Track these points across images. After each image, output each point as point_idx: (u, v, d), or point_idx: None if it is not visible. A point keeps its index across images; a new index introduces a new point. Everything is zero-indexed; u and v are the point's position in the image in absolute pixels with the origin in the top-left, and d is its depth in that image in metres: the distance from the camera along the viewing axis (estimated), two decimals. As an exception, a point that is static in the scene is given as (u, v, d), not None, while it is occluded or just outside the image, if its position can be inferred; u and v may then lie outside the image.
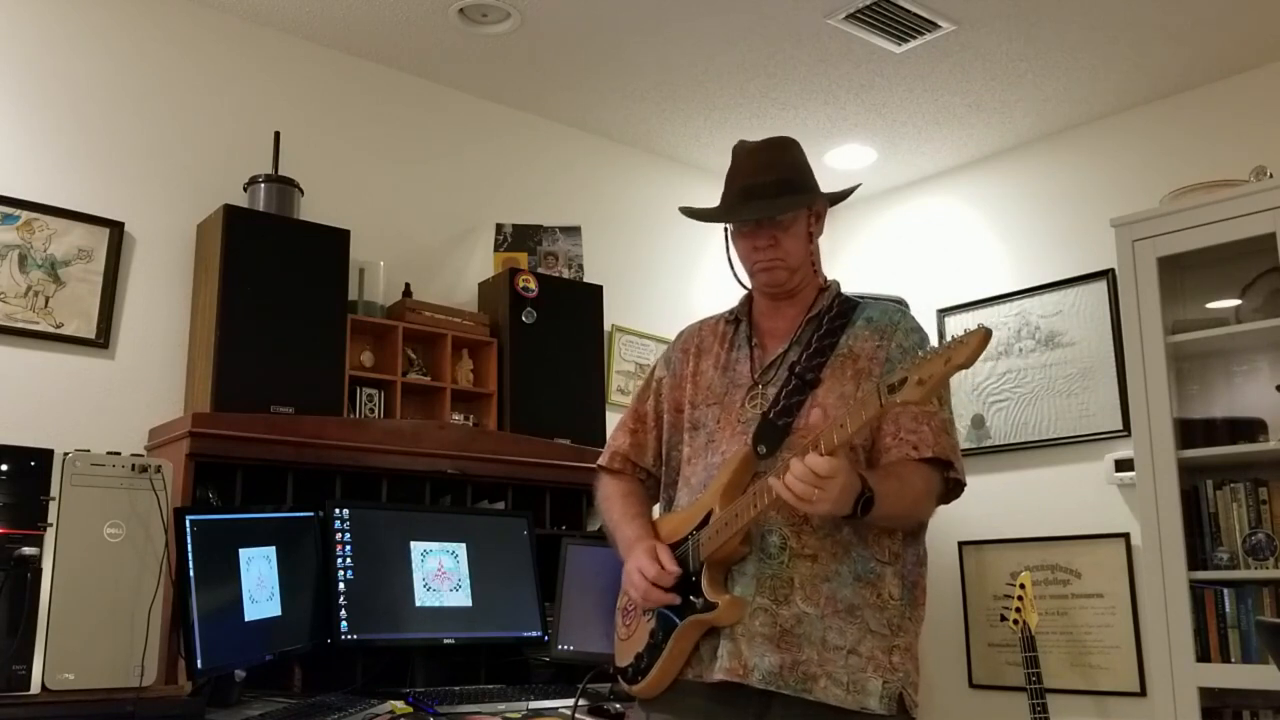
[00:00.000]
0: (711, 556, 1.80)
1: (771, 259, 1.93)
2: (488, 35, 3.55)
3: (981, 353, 1.50)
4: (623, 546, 1.98)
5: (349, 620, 2.74)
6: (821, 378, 1.86)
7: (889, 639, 1.79)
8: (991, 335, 1.51)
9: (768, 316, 2.02)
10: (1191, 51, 3.67)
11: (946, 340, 1.54)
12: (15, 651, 2.13)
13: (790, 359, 1.92)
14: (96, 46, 3.18)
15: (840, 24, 3.47)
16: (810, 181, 1.98)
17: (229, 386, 2.95)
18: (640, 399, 2.12)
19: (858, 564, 1.80)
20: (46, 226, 2.98)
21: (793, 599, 1.77)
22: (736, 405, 1.92)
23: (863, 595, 1.78)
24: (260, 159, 3.34)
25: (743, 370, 1.96)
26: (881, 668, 1.76)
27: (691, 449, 1.97)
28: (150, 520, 2.30)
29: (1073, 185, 4.23)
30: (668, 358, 2.11)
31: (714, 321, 2.10)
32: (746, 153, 2.00)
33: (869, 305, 1.99)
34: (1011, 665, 4.01)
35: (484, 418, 3.54)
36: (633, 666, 1.93)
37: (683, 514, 1.93)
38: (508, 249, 3.80)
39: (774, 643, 1.75)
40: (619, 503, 2.06)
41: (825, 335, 1.92)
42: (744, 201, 1.94)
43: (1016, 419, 4.22)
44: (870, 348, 1.90)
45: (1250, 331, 3.39)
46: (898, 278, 4.69)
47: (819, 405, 1.82)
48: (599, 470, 2.15)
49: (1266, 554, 3.24)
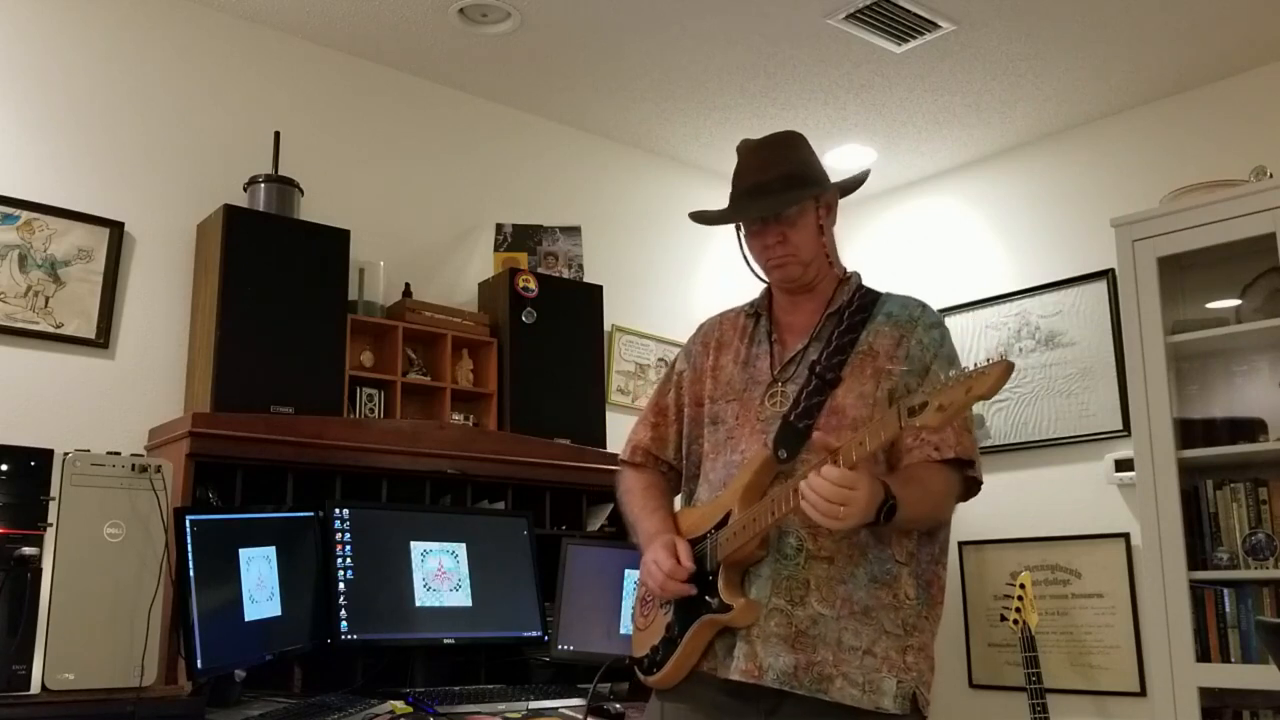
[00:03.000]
0: (729, 558, 1.81)
1: (783, 255, 1.92)
2: (488, 35, 3.55)
3: (1003, 385, 1.50)
4: (643, 539, 1.99)
5: (349, 620, 2.74)
6: (842, 376, 1.85)
7: (903, 639, 1.79)
8: (1014, 368, 1.51)
9: (787, 310, 2.01)
10: (1191, 51, 3.67)
11: (969, 368, 1.54)
12: (15, 651, 2.13)
13: (810, 357, 1.91)
14: (97, 47, 3.18)
15: (840, 24, 3.47)
16: (816, 174, 1.96)
17: (229, 386, 2.95)
18: (661, 392, 2.12)
19: (874, 565, 1.80)
20: (46, 226, 2.98)
21: (808, 600, 1.77)
22: (756, 402, 1.91)
23: (878, 596, 1.79)
24: (260, 159, 3.34)
25: (762, 366, 1.95)
26: (896, 667, 1.76)
27: (711, 444, 1.97)
28: (150, 520, 2.30)
29: (1073, 185, 4.23)
30: (688, 350, 2.11)
31: (734, 314, 2.09)
32: (750, 150, 1.98)
33: (890, 299, 1.97)
34: (1011, 665, 4.01)
35: (484, 418, 3.54)
36: (649, 658, 1.94)
37: (703, 510, 1.93)
38: (508, 249, 3.80)
39: (789, 643, 1.76)
40: (640, 496, 2.06)
41: (846, 331, 1.90)
42: (750, 200, 1.93)
43: (1016, 419, 4.22)
44: (890, 345, 1.89)
45: (1250, 331, 3.39)
46: (898, 278, 4.69)
47: (838, 406, 1.83)
48: (621, 464, 2.15)
49: (1266, 554, 3.24)
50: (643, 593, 2.03)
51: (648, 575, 1.90)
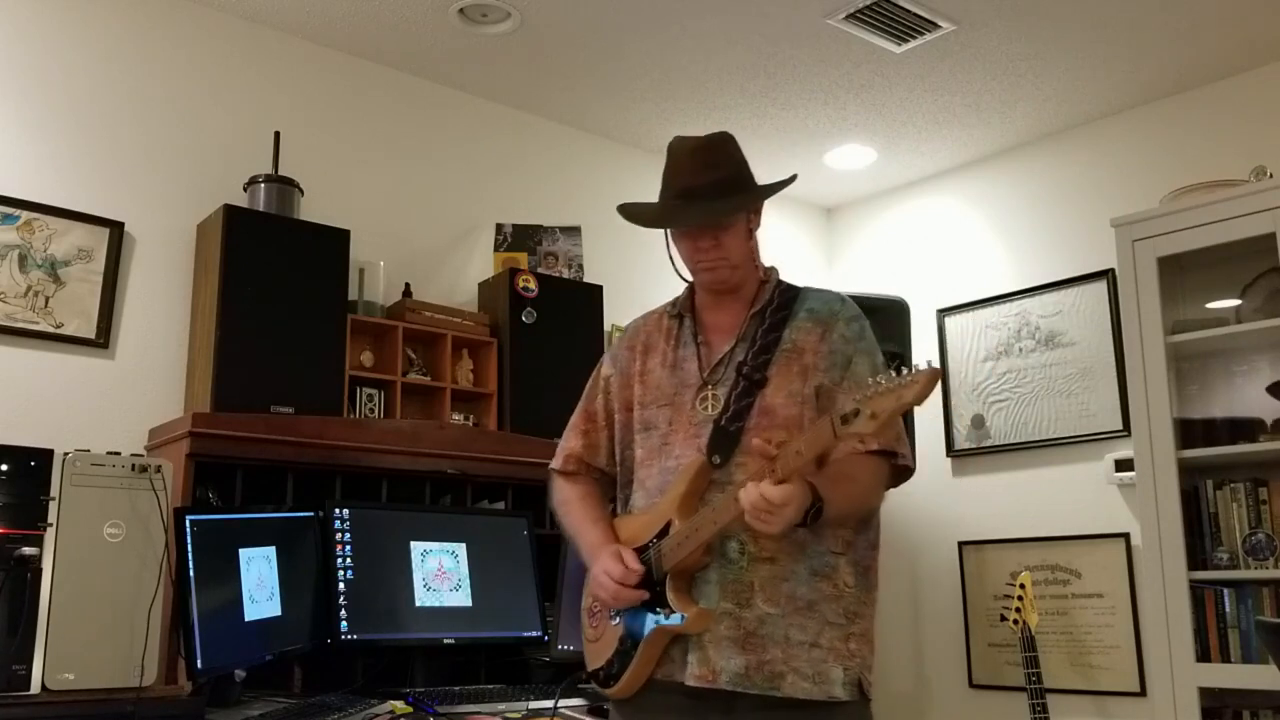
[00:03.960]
0: (675, 567, 1.85)
1: (715, 259, 1.95)
2: (488, 35, 3.55)
3: (931, 392, 1.56)
4: (586, 551, 2.01)
5: (349, 620, 2.74)
6: (768, 376, 1.90)
7: (846, 627, 1.85)
8: (940, 375, 1.58)
9: (711, 310, 2.03)
10: (1191, 51, 3.67)
11: (899, 377, 1.59)
12: (15, 651, 2.13)
13: (737, 358, 1.94)
14: (97, 47, 3.18)
15: (840, 24, 3.47)
16: (749, 179, 1.98)
17: (229, 386, 2.95)
18: (589, 399, 2.13)
19: (813, 560, 1.85)
20: (46, 226, 2.98)
21: (755, 601, 1.82)
22: (687, 407, 1.94)
23: (820, 589, 1.84)
24: (260, 159, 3.34)
25: (690, 369, 1.98)
26: (841, 655, 1.83)
27: (645, 451, 1.99)
28: (150, 520, 2.30)
29: (1073, 185, 4.23)
30: (614, 355, 2.12)
31: (657, 315, 2.11)
32: (685, 152, 1.96)
33: (810, 295, 2.01)
34: (1011, 665, 4.01)
35: (484, 418, 3.54)
36: (604, 669, 1.98)
37: (642, 518, 1.96)
38: (508, 249, 3.80)
39: (739, 645, 1.81)
40: (579, 506, 2.08)
41: (769, 330, 1.95)
42: (685, 203, 1.93)
43: (1016, 419, 4.22)
44: (813, 340, 1.93)
45: (1250, 331, 3.39)
46: (898, 278, 4.69)
47: (768, 406, 1.88)
48: (552, 474, 2.16)
49: (1266, 554, 3.24)
50: (590, 604, 2.06)
51: (599, 586, 1.93)
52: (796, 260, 4.84)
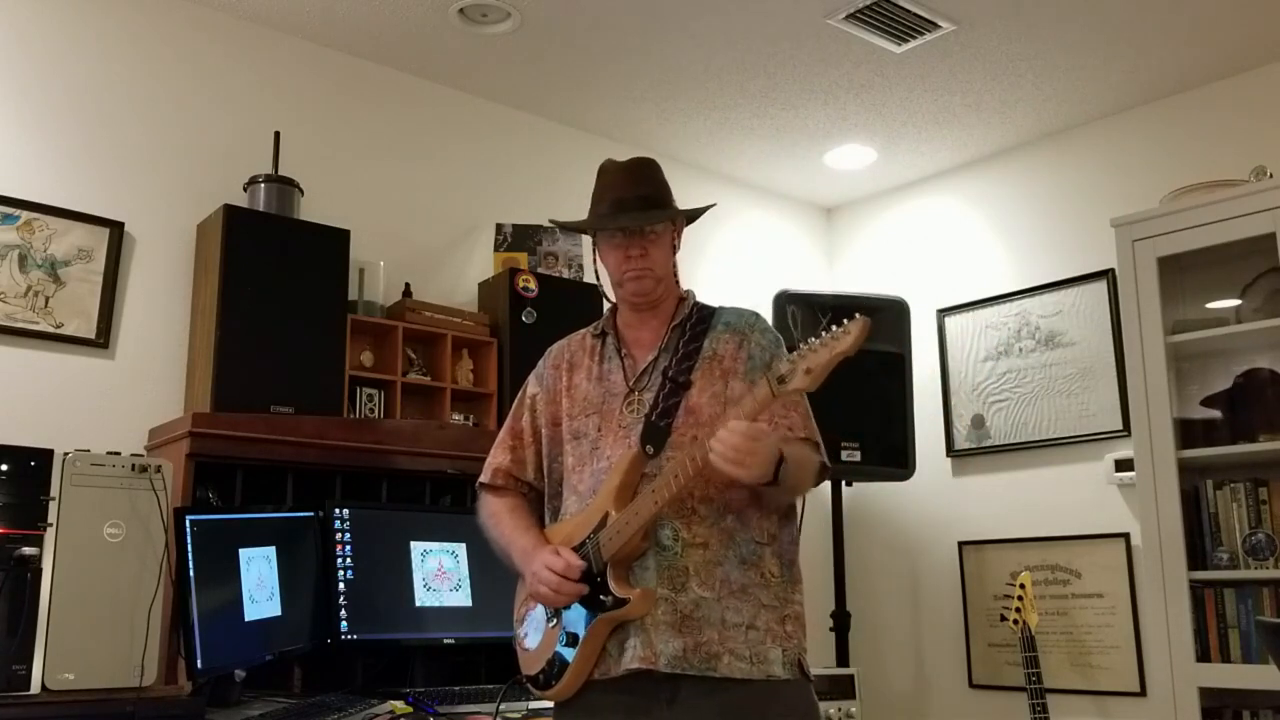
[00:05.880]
0: (614, 556, 1.90)
1: (642, 268, 2.06)
2: (488, 35, 3.55)
3: (863, 340, 1.67)
4: (520, 556, 2.05)
5: (349, 620, 2.74)
6: (693, 379, 2.01)
7: (780, 609, 1.94)
8: (870, 324, 1.68)
9: (633, 327, 2.14)
10: (1191, 51, 3.67)
11: (828, 333, 1.71)
12: (15, 651, 2.13)
13: (662, 365, 2.05)
14: (97, 47, 3.18)
15: (840, 24, 3.47)
16: (672, 200, 2.13)
17: (229, 386, 2.95)
18: (515, 416, 2.19)
19: (741, 548, 1.94)
20: (46, 226, 2.98)
21: (690, 585, 1.90)
22: (616, 412, 2.03)
23: (749, 575, 1.93)
24: (260, 159, 3.34)
25: (617, 379, 2.07)
26: (778, 637, 1.92)
27: (575, 458, 2.06)
28: (150, 520, 2.31)
29: (1073, 185, 4.23)
30: (539, 374, 2.20)
31: (580, 337, 2.20)
32: (615, 170, 2.13)
33: (725, 311, 2.14)
34: (1011, 665, 4.01)
35: (484, 418, 3.54)
36: (544, 673, 2.01)
37: (575, 519, 2.01)
38: (508, 249, 3.80)
39: (676, 628, 1.87)
40: (508, 517, 2.13)
41: (690, 340, 2.06)
42: (616, 214, 2.06)
43: (1016, 419, 4.22)
44: (732, 349, 2.05)
45: (1250, 331, 3.39)
46: (898, 278, 4.69)
47: (693, 406, 1.98)
48: (480, 488, 2.21)
49: (1266, 554, 3.24)
50: (524, 612, 2.10)
51: (539, 583, 1.96)
52: (796, 260, 4.84)
